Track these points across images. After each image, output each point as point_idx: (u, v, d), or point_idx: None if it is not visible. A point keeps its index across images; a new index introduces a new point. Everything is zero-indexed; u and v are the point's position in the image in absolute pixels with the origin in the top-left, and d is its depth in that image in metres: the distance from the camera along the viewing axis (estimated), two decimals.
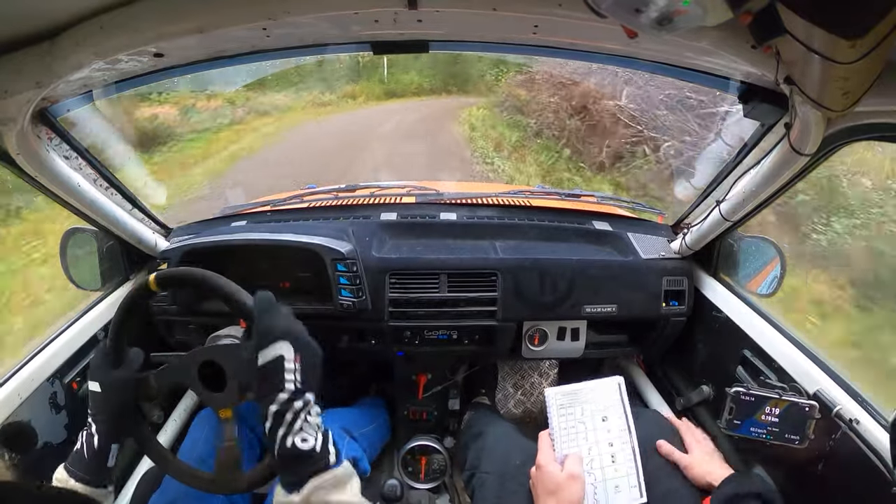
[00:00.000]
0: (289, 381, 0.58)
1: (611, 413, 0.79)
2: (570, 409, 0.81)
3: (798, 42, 0.47)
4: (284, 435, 0.57)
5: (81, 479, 0.66)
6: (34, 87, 0.68)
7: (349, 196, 1.48)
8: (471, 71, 9.42)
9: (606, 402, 0.79)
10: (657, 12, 0.38)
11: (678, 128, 4.49)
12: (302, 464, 0.57)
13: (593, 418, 0.79)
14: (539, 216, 1.42)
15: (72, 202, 1.00)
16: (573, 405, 0.81)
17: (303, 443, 0.57)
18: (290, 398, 0.58)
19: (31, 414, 0.94)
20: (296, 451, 0.56)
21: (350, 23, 0.73)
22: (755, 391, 0.92)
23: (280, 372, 0.58)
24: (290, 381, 0.58)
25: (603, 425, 0.78)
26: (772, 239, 1.16)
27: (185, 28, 0.64)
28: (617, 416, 0.78)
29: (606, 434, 0.77)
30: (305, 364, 0.60)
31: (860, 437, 0.81)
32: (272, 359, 0.59)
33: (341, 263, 1.17)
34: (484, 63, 8.56)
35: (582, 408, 0.80)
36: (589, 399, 0.81)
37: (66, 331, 1.09)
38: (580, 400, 0.81)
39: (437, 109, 8.94)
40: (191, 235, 1.34)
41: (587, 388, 0.81)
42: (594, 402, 0.80)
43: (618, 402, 0.79)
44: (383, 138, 7.36)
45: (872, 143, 0.81)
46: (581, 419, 0.80)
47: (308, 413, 0.58)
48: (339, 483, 0.57)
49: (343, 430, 1.21)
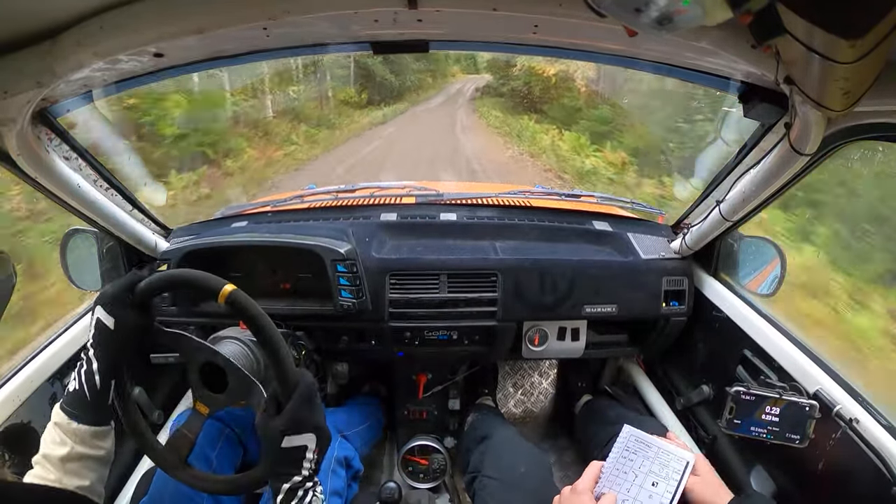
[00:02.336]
0: (306, 467, 0.66)
1: (663, 482, 0.79)
2: (633, 456, 0.81)
3: (798, 42, 0.47)
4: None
5: (84, 420, 0.66)
6: (34, 88, 0.68)
7: (349, 196, 1.48)
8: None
9: (668, 472, 0.79)
10: (657, 12, 0.38)
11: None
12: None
13: (647, 477, 0.79)
14: (539, 216, 1.42)
15: (72, 203, 0.99)
16: (638, 454, 0.81)
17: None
18: (303, 480, 0.66)
19: (31, 415, 0.94)
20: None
21: (350, 23, 0.73)
22: (755, 391, 0.92)
23: (301, 459, 0.66)
24: (307, 469, 0.66)
25: (650, 489, 0.78)
26: (772, 239, 1.16)
27: (185, 28, 0.64)
28: (667, 489, 0.78)
29: (648, 499, 0.77)
30: (322, 445, 0.68)
31: (860, 437, 0.81)
32: (297, 446, 0.66)
33: (341, 264, 1.17)
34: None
35: (643, 462, 0.80)
36: (655, 458, 0.80)
37: (65, 332, 1.09)
38: (647, 454, 0.81)
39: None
40: (191, 236, 1.33)
41: (661, 449, 0.81)
42: (657, 464, 0.80)
43: (677, 478, 0.78)
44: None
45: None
46: (636, 471, 0.80)
47: (314, 491, 0.67)
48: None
49: (336, 429, 1.21)
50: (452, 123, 12.09)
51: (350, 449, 1.20)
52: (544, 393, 1.89)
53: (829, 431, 0.86)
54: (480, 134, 10.75)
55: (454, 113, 13.97)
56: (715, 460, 1.19)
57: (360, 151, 8.53)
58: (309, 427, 0.66)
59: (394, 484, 1.15)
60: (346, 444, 1.21)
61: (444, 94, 18.54)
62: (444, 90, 19.60)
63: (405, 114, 13.46)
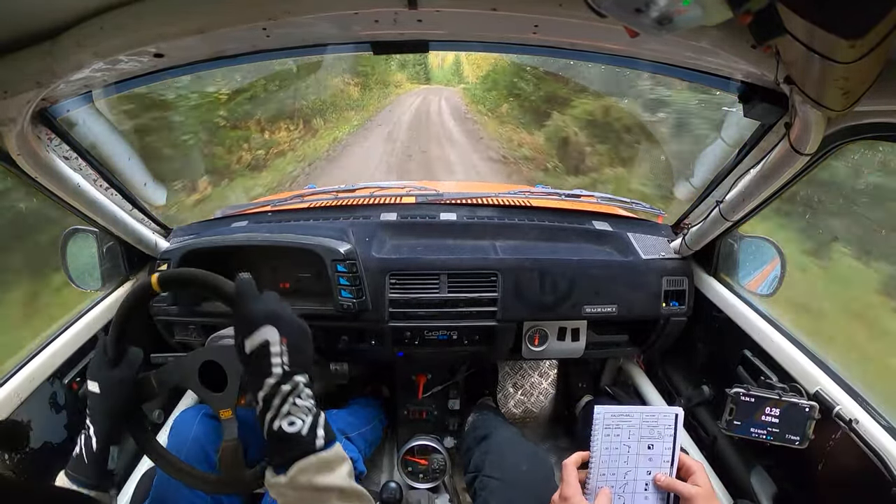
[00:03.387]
0: (276, 364, 0.57)
1: (658, 442, 0.76)
2: (617, 431, 0.77)
3: (798, 42, 0.47)
4: (272, 419, 0.57)
5: (83, 484, 0.65)
6: (34, 88, 0.68)
7: (349, 196, 1.48)
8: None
9: (660, 430, 0.77)
10: (657, 12, 0.38)
11: None
12: (288, 446, 0.57)
13: (640, 443, 0.76)
14: (539, 216, 1.42)
15: (72, 202, 1.00)
16: (622, 427, 0.78)
17: (290, 426, 0.57)
18: (277, 382, 0.57)
19: (31, 414, 0.94)
20: (282, 434, 0.56)
21: (350, 23, 0.73)
22: (755, 391, 0.92)
23: (266, 357, 0.57)
24: (277, 366, 0.57)
25: (647, 452, 0.76)
26: (772, 239, 1.16)
27: (185, 28, 0.64)
28: (664, 447, 0.76)
29: (648, 462, 0.75)
30: (292, 345, 0.59)
31: (860, 437, 0.81)
32: (258, 345, 0.58)
33: (341, 264, 1.17)
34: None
35: (630, 432, 0.76)
36: (642, 423, 0.77)
37: (66, 331, 1.09)
38: (632, 423, 0.77)
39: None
40: (191, 236, 1.34)
41: (643, 413, 0.77)
42: (645, 428, 0.77)
43: (670, 434, 0.76)
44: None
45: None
46: (627, 442, 0.76)
47: (298, 396, 0.58)
48: (326, 466, 0.57)
49: (339, 431, 1.21)
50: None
51: (354, 451, 1.20)
52: (544, 393, 1.89)
53: (829, 432, 0.86)
54: None
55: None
56: (715, 461, 1.20)
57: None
58: (260, 319, 0.58)
59: (394, 484, 1.16)
60: (351, 447, 1.21)
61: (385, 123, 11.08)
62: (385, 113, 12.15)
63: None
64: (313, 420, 0.58)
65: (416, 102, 15.12)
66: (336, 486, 0.57)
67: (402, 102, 15.50)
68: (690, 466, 0.73)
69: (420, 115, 12.99)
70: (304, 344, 0.62)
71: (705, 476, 0.73)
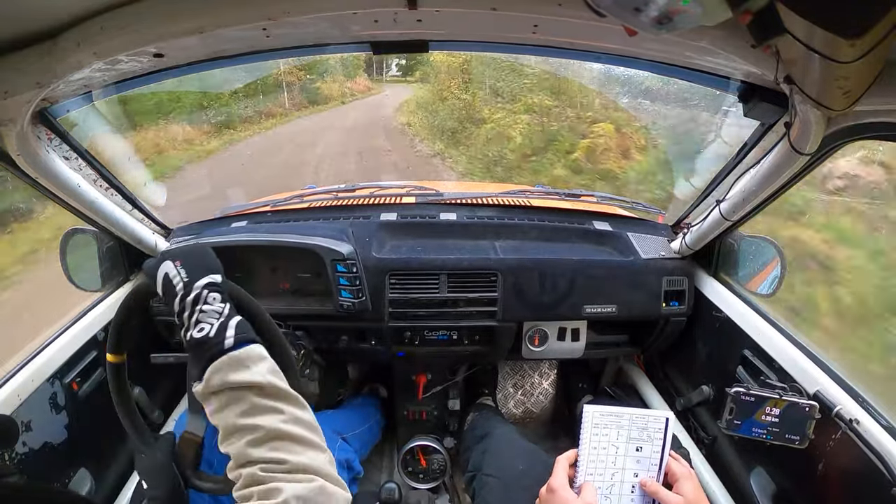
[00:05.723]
0: (177, 284, 0.60)
1: (647, 445, 0.76)
2: (605, 430, 0.76)
3: (798, 41, 0.47)
4: (185, 331, 0.59)
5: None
6: (34, 88, 0.68)
7: (349, 196, 1.48)
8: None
9: (649, 433, 0.76)
10: (657, 11, 0.39)
11: None
12: (200, 352, 0.57)
13: (629, 445, 0.76)
14: (539, 216, 1.42)
15: (72, 203, 1.00)
16: (611, 427, 0.77)
17: (199, 333, 0.58)
18: (182, 297, 0.60)
19: (31, 414, 0.94)
20: (193, 341, 0.58)
21: (350, 23, 0.73)
22: (755, 391, 0.92)
23: (169, 283, 0.60)
24: (178, 284, 0.60)
25: (636, 454, 0.75)
26: (772, 239, 1.16)
27: (185, 28, 0.64)
28: (653, 451, 0.75)
29: (636, 464, 0.74)
30: (188, 261, 0.62)
31: (860, 437, 0.81)
32: (162, 282, 0.61)
33: (341, 264, 1.17)
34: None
35: (619, 433, 0.76)
36: (631, 425, 0.76)
37: (66, 331, 1.09)
38: (621, 424, 0.76)
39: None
40: (191, 236, 1.34)
41: (633, 415, 0.76)
42: (635, 430, 0.76)
43: (660, 438, 0.75)
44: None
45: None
46: (615, 443, 0.75)
47: (205, 302, 0.60)
48: (238, 364, 0.56)
49: (335, 432, 1.21)
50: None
51: (350, 451, 1.20)
52: (544, 393, 1.89)
53: (830, 432, 0.86)
54: None
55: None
56: (715, 461, 1.19)
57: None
58: (154, 264, 0.63)
59: (393, 484, 1.15)
60: (346, 447, 1.20)
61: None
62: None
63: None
64: (221, 322, 0.59)
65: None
66: (251, 381, 0.56)
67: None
68: (675, 472, 0.72)
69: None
70: (198, 254, 0.64)
71: (691, 483, 0.71)
